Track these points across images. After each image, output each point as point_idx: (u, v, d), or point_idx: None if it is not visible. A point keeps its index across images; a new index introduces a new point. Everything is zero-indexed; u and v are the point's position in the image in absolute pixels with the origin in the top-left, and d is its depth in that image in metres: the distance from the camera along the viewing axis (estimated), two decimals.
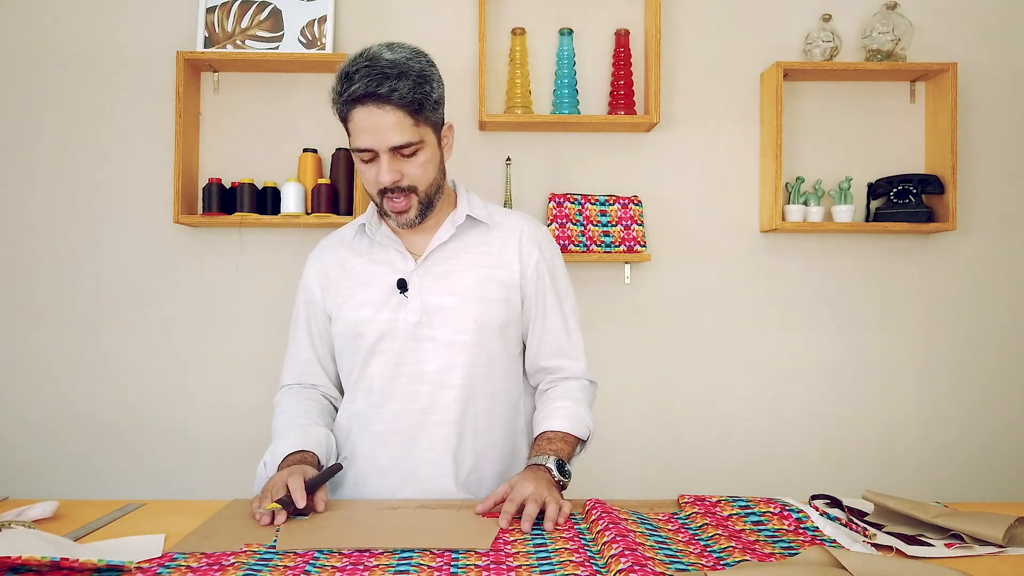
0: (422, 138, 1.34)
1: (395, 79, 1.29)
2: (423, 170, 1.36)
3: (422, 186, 1.37)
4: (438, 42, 2.41)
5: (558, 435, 1.39)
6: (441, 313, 1.41)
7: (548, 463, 1.31)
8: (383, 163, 1.33)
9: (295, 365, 1.53)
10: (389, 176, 1.34)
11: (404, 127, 1.31)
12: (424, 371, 1.42)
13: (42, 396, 2.43)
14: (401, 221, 1.40)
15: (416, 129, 1.33)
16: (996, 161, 2.51)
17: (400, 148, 1.32)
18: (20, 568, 0.91)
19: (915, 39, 2.44)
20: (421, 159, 1.35)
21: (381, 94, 1.28)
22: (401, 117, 1.30)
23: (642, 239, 2.38)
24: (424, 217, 1.41)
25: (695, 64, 2.49)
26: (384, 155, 1.33)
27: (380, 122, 1.30)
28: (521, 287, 1.47)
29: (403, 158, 1.34)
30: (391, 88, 1.28)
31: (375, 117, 1.30)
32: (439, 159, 1.40)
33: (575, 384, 1.49)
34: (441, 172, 1.42)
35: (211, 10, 2.37)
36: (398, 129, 1.31)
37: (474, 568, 0.98)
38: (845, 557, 0.90)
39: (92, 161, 2.43)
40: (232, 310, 2.44)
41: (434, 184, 1.39)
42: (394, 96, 1.29)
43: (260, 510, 1.17)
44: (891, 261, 2.51)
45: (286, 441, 1.37)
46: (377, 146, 1.32)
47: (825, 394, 2.51)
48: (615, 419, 2.45)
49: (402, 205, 1.37)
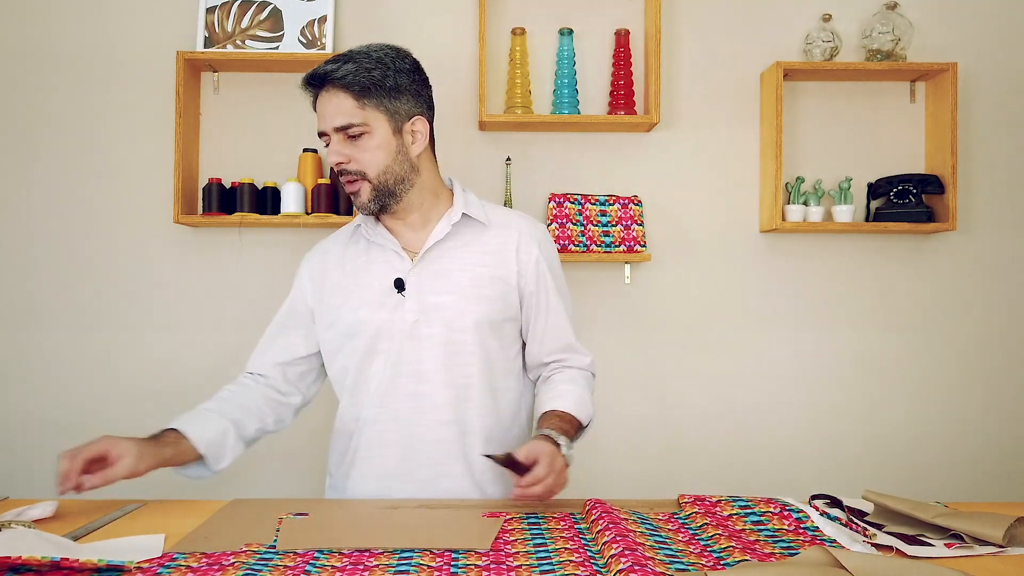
0: (366, 121, 1.37)
1: (342, 62, 1.36)
2: (371, 156, 1.38)
3: (371, 171, 1.39)
4: (438, 42, 2.42)
5: (566, 416, 1.41)
6: (439, 311, 1.42)
7: (561, 442, 1.31)
8: (331, 144, 1.39)
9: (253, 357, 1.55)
10: (334, 157, 1.39)
11: (345, 108, 1.36)
12: (423, 370, 1.42)
13: (42, 396, 2.42)
14: (357, 203, 1.42)
15: (360, 112, 1.36)
16: (996, 161, 2.51)
17: (343, 129, 1.36)
18: (20, 568, 0.91)
19: (915, 39, 2.44)
20: (368, 144, 1.37)
21: (324, 72, 1.36)
22: (343, 98, 1.36)
23: (642, 239, 2.38)
24: (384, 206, 1.42)
25: (695, 64, 2.49)
26: (332, 136, 1.38)
27: (326, 104, 1.38)
28: (519, 286, 1.47)
29: (349, 140, 1.38)
30: (333, 69, 1.35)
31: (323, 100, 1.38)
32: (395, 149, 1.40)
33: (579, 373, 1.52)
34: (404, 164, 1.41)
35: (211, 10, 2.37)
36: (339, 110, 1.36)
37: (474, 568, 0.98)
38: (845, 557, 0.90)
39: (92, 161, 2.43)
40: (232, 310, 2.44)
41: (389, 173, 1.40)
42: (335, 76, 1.35)
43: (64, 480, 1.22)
44: (891, 261, 2.51)
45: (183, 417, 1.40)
46: (324, 127, 1.38)
47: (825, 394, 2.51)
48: (615, 419, 2.45)
49: (353, 188, 1.41)
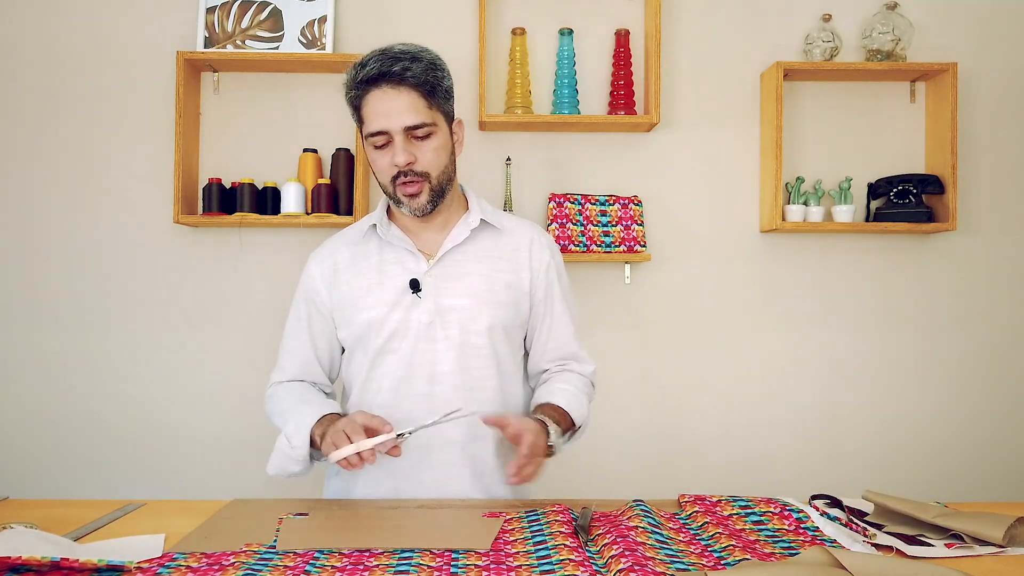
0: (435, 121, 1.36)
1: (408, 60, 1.33)
2: (436, 155, 1.37)
3: (434, 172, 1.38)
4: (438, 42, 2.39)
5: (561, 410, 1.41)
6: (454, 314, 1.42)
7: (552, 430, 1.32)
8: (397, 144, 1.35)
9: (294, 364, 1.51)
10: (403, 156, 1.35)
11: (418, 107, 1.34)
12: (438, 372, 1.42)
13: (42, 396, 2.42)
14: (413, 206, 1.40)
15: (429, 112, 1.35)
16: (996, 161, 2.51)
17: (413, 129, 1.34)
18: (20, 568, 0.91)
19: (915, 39, 2.44)
20: (434, 143, 1.37)
21: (395, 72, 1.32)
22: (415, 97, 1.33)
23: (642, 239, 2.38)
24: (435, 206, 1.42)
25: (695, 64, 2.49)
26: (398, 136, 1.35)
27: (394, 103, 1.33)
28: (531, 292, 1.49)
29: (416, 141, 1.36)
30: (404, 67, 1.32)
31: (388, 98, 1.33)
32: (451, 149, 1.42)
33: (578, 377, 1.52)
34: (452, 164, 1.43)
35: (211, 10, 2.37)
36: (412, 109, 1.33)
37: (474, 568, 0.98)
38: (845, 557, 0.90)
39: (92, 161, 2.43)
40: (232, 310, 2.44)
41: (445, 174, 1.41)
42: (408, 75, 1.32)
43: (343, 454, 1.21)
44: (891, 261, 2.51)
45: (311, 409, 1.37)
46: (391, 127, 1.34)
47: (825, 394, 2.51)
48: (615, 419, 2.45)
49: (415, 189, 1.38)
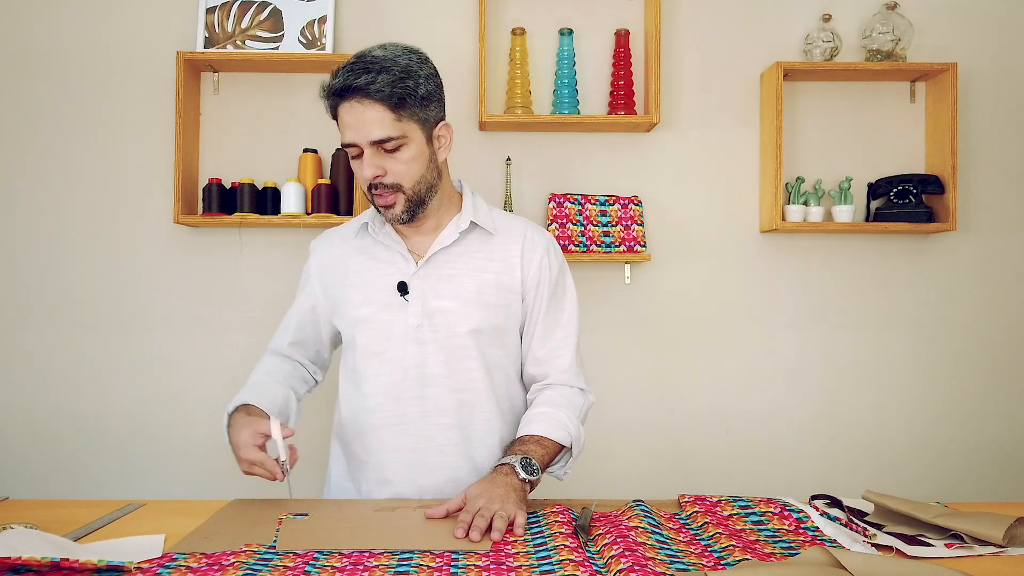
0: (404, 134, 1.34)
1: (375, 73, 1.31)
2: (407, 167, 1.36)
3: (407, 183, 1.37)
4: (438, 42, 2.41)
5: (533, 438, 1.38)
6: (441, 316, 1.41)
7: (512, 461, 1.29)
8: (366, 157, 1.35)
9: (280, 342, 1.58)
10: (370, 171, 1.35)
11: (384, 121, 1.32)
12: (429, 374, 1.41)
13: (42, 396, 2.42)
14: (389, 216, 1.40)
15: (398, 124, 1.33)
16: (996, 161, 2.51)
17: (381, 143, 1.33)
18: (20, 568, 0.91)
19: (915, 39, 2.44)
20: (405, 155, 1.35)
21: (358, 86, 1.30)
22: (380, 111, 1.32)
23: (642, 239, 2.38)
24: (414, 215, 1.41)
25: (695, 64, 2.49)
26: (367, 149, 1.34)
27: (361, 116, 1.32)
28: (522, 294, 1.47)
29: (386, 153, 1.35)
30: (368, 81, 1.30)
31: (356, 111, 1.32)
32: (428, 157, 1.39)
33: (558, 392, 1.47)
34: (433, 171, 1.41)
35: (211, 10, 2.37)
36: (378, 123, 1.32)
37: (474, 568, 0.98)
38: (845, 557, 0.90)
39: (92, 161, 2.43)
40: (232, 310, 2.44)
41: (423, 182, 1.39)
42: (371, 89, 1.30)
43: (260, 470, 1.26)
44: (891, 261, 2.51)
45: (240, 395, 1.42)
46: (359, 140, 1.34)
47: (825, 394, 2.51)
48: (615, 419, 2.45)
49: (388, 200, 1.38)
